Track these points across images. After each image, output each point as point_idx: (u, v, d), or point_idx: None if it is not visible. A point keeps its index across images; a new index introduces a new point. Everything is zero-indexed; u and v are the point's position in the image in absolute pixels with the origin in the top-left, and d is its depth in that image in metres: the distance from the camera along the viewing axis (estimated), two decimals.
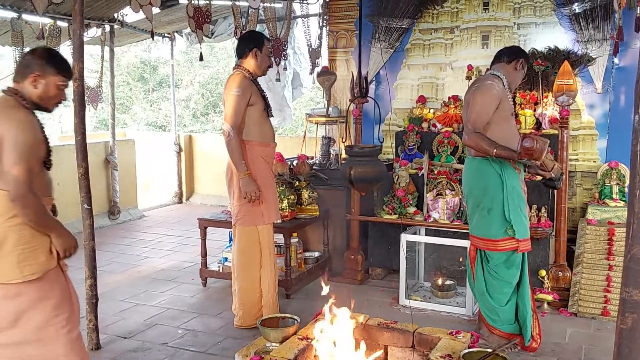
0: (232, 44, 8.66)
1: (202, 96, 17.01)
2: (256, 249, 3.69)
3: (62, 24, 5.87)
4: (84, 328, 3.46)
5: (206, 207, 7.96)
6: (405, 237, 4.17)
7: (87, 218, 3.37)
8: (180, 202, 8.46)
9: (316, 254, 4.84)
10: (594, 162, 4.84)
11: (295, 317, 2.99)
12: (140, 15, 3.89)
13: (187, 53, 16.19)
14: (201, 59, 4.22)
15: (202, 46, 8.08)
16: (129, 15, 6.64)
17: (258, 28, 5.10)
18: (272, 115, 3.84)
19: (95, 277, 3.44)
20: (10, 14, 5.39)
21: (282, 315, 3.11)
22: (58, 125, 16.11)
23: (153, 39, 4.76)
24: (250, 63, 3.65)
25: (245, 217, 3.66)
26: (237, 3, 4.51)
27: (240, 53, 3.68)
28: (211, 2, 4.20)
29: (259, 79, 3.76)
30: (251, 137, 3.61)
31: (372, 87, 5.53)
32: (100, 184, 6.84)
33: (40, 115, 2.43)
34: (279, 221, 3.98)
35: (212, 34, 6.83)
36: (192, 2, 4.07)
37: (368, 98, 4.37)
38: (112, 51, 6.89)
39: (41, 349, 2.37)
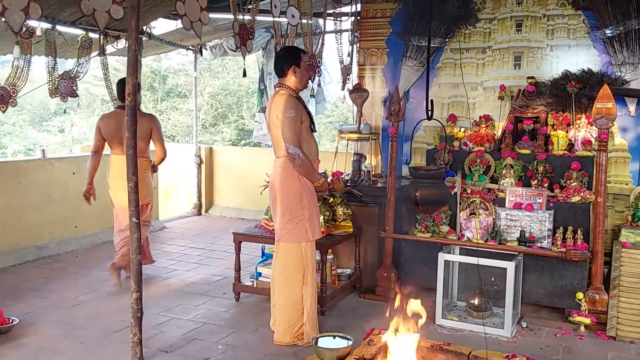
0: (255, 57, 8.70)
1: (212, 107, 17.04)
2: (300, 265, 3.69)
3: (93, 36, 5.90)
4: (128, 342, 3.48)
5: (225, 220, 7.96)
6: (442, 257, 4.17)
7: (135, 232, 3.37)
8: (199, 213, 8.44)
9: (348, 271, 4.83)
10: (626, 184, 4.86)
11: (349, 336, 2.99)
12: (167, 28, 3.92)
13: (198, 64, 16.26)
14: (244, 74, 4.26)
15: (215, 59, 8.16)
16: (157, 27, 6.72)
17: (295, 43, 5.13)
18: (316, 131, 3.87)
19: (141, 290, 3.43)
20: (44, 25, 5.42)
21: (333, 333, 3.11)
22: (69, 134, 16.14)
23: (202, 54, 4.80)
24: (291, 80, 3.69)
25: (290, 234, 3.66)
26: (276, 19, 4.55)
27: (279, 72, 3.71)
28: (255, 18, 4.24)
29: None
30: None
31: None
32: None
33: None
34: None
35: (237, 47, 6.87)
36: (238, 18, 4.11)
37: (405, 117, 4.39)
38: (139, 62, 6.92)
39: None
